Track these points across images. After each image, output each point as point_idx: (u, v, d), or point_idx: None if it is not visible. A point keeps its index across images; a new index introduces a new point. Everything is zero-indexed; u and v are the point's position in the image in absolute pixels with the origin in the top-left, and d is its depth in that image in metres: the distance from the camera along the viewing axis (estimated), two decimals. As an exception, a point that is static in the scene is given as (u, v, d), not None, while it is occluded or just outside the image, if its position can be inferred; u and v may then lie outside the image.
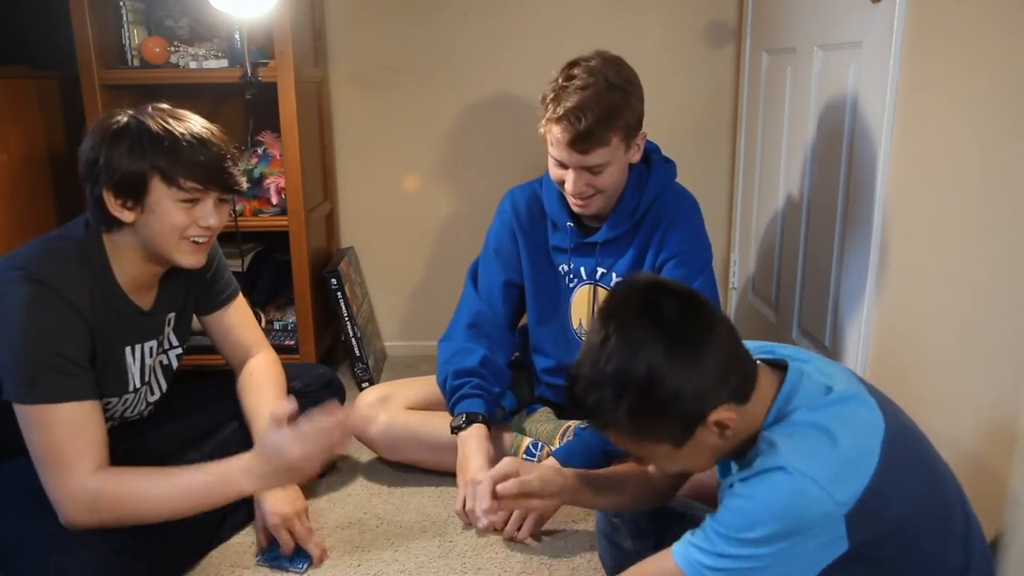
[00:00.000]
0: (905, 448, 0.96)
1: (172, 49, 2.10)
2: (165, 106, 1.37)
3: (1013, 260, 1.13)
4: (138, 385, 1.45)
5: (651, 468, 1.06)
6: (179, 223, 1.33)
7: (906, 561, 0.94)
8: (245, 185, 1.41)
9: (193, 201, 1.33)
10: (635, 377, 0.90)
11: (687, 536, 0.97)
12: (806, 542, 0.89)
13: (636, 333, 0.92)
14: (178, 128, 1.31)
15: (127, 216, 1.31)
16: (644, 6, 2.37)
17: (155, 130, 1.29)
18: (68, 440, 1.25)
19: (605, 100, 1.50)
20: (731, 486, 0.95)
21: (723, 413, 0.93)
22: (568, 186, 1.58)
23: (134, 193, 1.30)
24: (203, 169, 1.32)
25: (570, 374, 0.98)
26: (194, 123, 1.34)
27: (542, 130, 1.58)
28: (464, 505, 1.53)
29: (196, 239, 1.36)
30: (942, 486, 0.99)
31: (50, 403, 1.25)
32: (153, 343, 1.47)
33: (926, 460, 0.99)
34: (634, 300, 0.95)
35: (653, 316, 0.92)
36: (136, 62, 2.10)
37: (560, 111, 1.50)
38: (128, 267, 1.38)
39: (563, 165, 1.57)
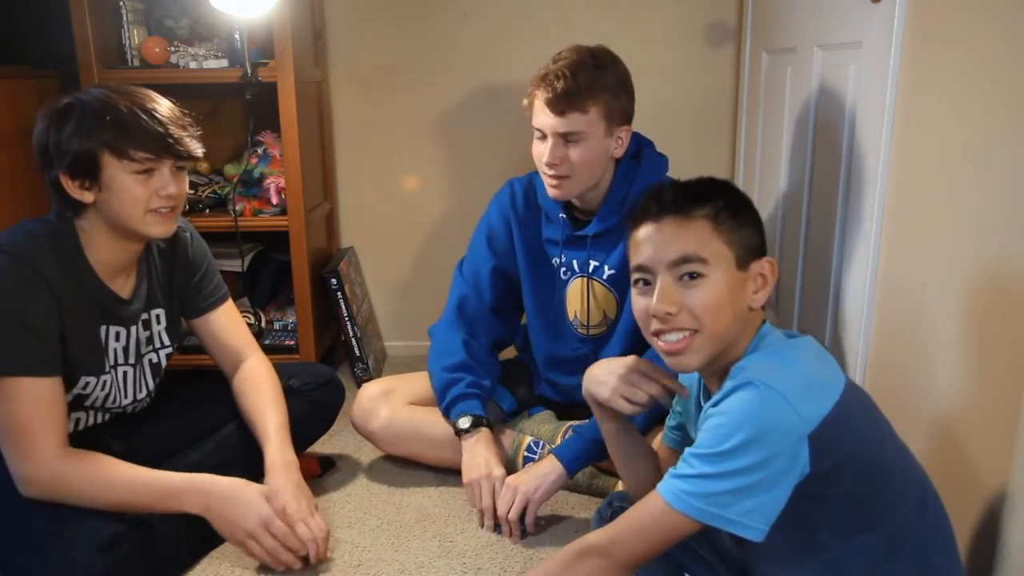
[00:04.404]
0: (861, 405, 1.02)
1: (172, 49, 2.10)
2: (112, 83, 1.39)
3: (1013, 260, 1.13)
4: (114, 364, 1.44)
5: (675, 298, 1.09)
6: (139, 196, 1.34)
7: (858, 501, 0.97)
8: (199, 150, 1.40)
9: (148, 172, 1.34)
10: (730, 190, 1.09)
11: (670, 470, 1.01)
12: (776, 461, 0.92)
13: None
14: (120, 101, 1.32)
15: (87, 197, 1.33)
16: (644, 6, 2.37)
17: (96, 107, 1.31)
18: (31, 416, 1.28)
19: (588, 72, 1.56)
20: (703, 417, 1.01)
21: (768, 267, 1.05)
22: (545, 156, 1.60)
23: (88, 172, 1.32)
24: (151, 137, 1.33)
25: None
26: (136, 95, 1.36)
27: (526, 101, 1.62)
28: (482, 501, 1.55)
29: (161, 209, 1.37)
30: (897, 450, 1.02)
31: (12, 376, 1.26)
32: (133, 329, 1.47)
33: (879, 423, 1.03)
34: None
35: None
36: (136, 62, 2.10)
37: (543, 73, 1.58)
38: (102, 253, 1.39)
39: (543, 136, 1.60)
